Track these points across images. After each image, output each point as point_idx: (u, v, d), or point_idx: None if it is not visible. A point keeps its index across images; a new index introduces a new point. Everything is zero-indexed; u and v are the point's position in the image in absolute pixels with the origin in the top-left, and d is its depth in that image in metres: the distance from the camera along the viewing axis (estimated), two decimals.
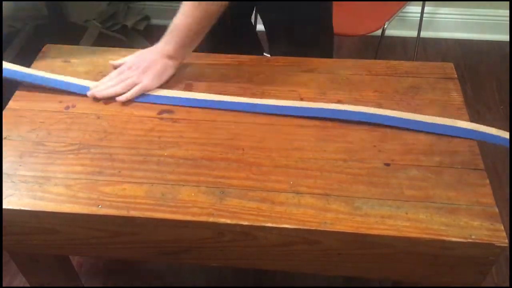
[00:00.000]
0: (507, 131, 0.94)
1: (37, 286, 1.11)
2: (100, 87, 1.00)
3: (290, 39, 1.25)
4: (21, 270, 1.08)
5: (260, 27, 1.40)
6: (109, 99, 0.99)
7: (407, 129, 0.92)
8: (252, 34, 1.49)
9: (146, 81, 0.99)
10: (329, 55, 1.31)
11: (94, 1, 2.14)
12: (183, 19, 0.98)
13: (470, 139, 0.90)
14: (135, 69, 1.01)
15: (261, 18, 1.30)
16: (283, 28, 1.25)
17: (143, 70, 1.00)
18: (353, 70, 1.05)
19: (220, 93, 1.00)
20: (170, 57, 1.01)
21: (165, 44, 1.00)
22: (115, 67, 1.05)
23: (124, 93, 0.99)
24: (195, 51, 1.04)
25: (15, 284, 1.37)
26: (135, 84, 0.99)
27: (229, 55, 1.10)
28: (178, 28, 0.99)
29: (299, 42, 1.24)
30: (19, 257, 1.03)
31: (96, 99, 0.99)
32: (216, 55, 1.10)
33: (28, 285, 1.12)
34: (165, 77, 1.02)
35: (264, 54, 1.49)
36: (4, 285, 1.35)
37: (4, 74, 1.03)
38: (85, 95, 1.00)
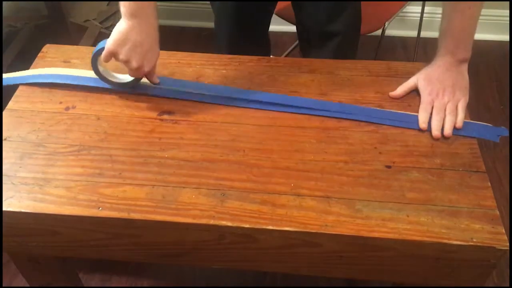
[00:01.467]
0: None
1: (37, 286, 1.11)
2: (436, 124, 0.92)
3: (326, 44, 1.25)
4: (21, 271, 1.08)
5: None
6: (109, 100, 0.99)
7: (408, 131, 0.92)
8: (266, 36, 1.47)
9: (464, 97, 0.95)
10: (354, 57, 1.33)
11: (94, 1, 2.14)
12: (461, 22, 0.94)
13: (471, 139, 0.91)
14: (443, 92, 0.95)
15: (297, 18, 1.29)
16: (322, 32, 1.25)
17: (452, 88, 0.95)
18: (353, 71, 1.05)
19: None
20: (463, 61, 0.98)
21: (453, 54, 0.96)
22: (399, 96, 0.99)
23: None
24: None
25: (15, 284, 1.37)
26: (456, 106, 0.95)
27: (229, 56, 1.09)
28: (461, 32, 0.95)
29: (335, 47, 1.24)
30: (19, 257, 1.03)
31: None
32: (216, 55, 1.10)
33: (28, 285, 1.12)
34: (468, 84, 0.99)
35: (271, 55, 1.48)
36: (4, 285, 1.35)
37: (5, 82, 1.03)
38: (85, 95, 1.00)
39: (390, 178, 0.84)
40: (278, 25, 1.69)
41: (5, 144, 0.91)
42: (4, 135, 0.92)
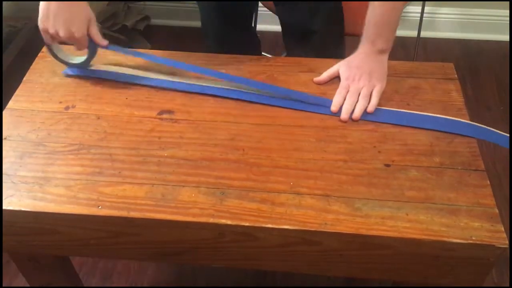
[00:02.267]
0: (507, 132, 0.94)
1: (37, 286, 1.11)
2: (346, 107, 0.95)
3: (307, 41, 1.26)
4: (21, 271, 1.08)
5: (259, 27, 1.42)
6: (109, 100, 0.99)
7: (407, 130, 0.92)
8: (252, 34, 1.50)
9: (380, 84, 0.98)
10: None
11: (94, 1, 2.14)
12: (382, 14, 0.98)
13: (470, 137, 0.91)
14: (359, 78, 0.98)
15: (280, 19, 1.32)
16: (302, 30, 1.26)
17: (369, 75, 0.98)
18: None
19: None
20: (383, 52, 1.00)
21: (373, 43, 0.99)
22: (321, 82, 1.02)
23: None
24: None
25: (15, 284, 1.37)
26: (371, 92, 0.97)
27: (229, 55, 1.10)
28: (382, 23, 0.99)
29: (317, 44, 1.25)
30: (19, 257, 1.03)
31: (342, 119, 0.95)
32: (216, 55, 1.10)
33: (28, 285, 1.12)
34: (386, 73, 1.01)
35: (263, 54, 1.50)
36: (4, 285, 1.35)
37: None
38: (84, 94, 1.00)
39: (389, 176, 0.84)
40: (278, 25, 1.68)
41: (5, 143, 0.91)
42: (4, 134, 0.93)
